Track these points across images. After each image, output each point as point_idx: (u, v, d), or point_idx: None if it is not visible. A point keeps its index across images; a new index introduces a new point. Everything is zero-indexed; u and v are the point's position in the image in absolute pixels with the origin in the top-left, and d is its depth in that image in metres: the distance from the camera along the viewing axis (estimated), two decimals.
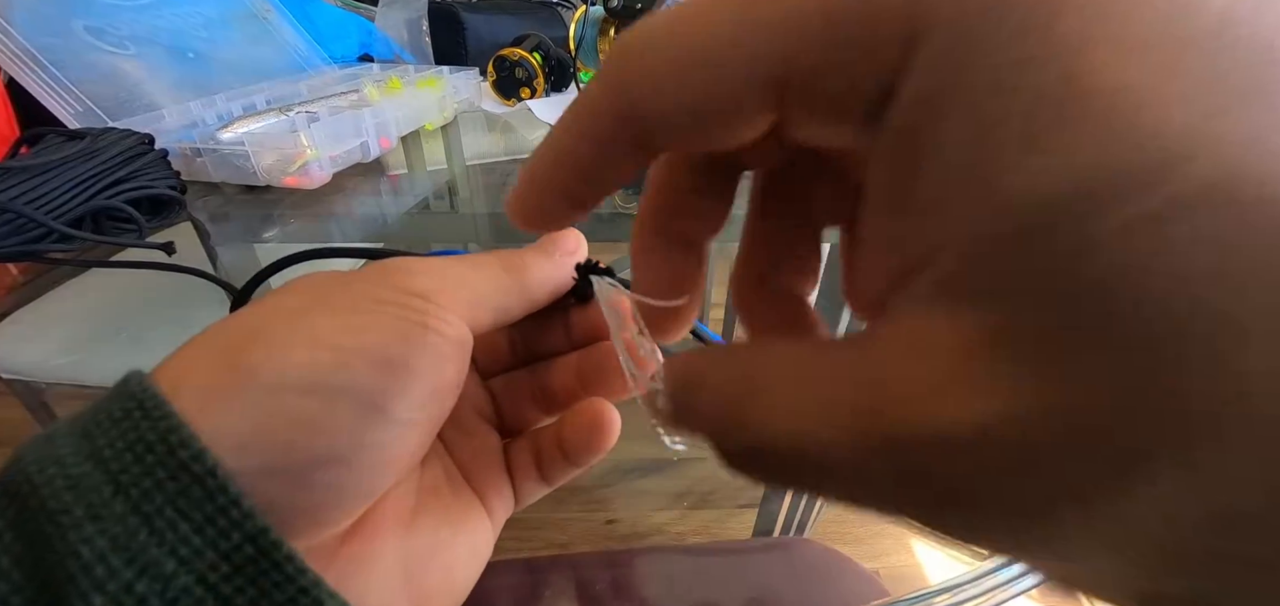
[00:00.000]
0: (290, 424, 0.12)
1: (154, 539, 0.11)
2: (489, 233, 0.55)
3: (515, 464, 0.20)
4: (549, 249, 0.18)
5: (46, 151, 0.42)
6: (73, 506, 0.10)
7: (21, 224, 0.39)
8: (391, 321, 0.14)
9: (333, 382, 0.12)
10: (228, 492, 0.11)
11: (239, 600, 0.11)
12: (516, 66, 0.77)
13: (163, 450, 0.11)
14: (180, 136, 0.52)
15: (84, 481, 0.11)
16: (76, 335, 0.60)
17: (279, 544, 0.11)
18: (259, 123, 0.56)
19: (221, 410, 0.12)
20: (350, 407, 0.13)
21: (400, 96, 0.66)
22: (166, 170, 0.47)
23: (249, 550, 0.11)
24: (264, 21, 0.72)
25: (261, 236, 0.50)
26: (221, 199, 0.53)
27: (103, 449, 0.11)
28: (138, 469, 0.11)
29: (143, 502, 0.11)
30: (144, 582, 0.10)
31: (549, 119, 0.76)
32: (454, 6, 0.92)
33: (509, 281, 0.17)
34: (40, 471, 0.11)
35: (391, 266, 0.15)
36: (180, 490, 0.11)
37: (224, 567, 0.11)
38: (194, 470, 0.11)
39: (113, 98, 0.56)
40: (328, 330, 0.13)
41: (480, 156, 0.69)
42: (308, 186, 0.54)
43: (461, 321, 0.15)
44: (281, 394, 0.12)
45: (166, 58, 0.62)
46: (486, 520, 0.19)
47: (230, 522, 0.11)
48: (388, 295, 0.14)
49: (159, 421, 0.11)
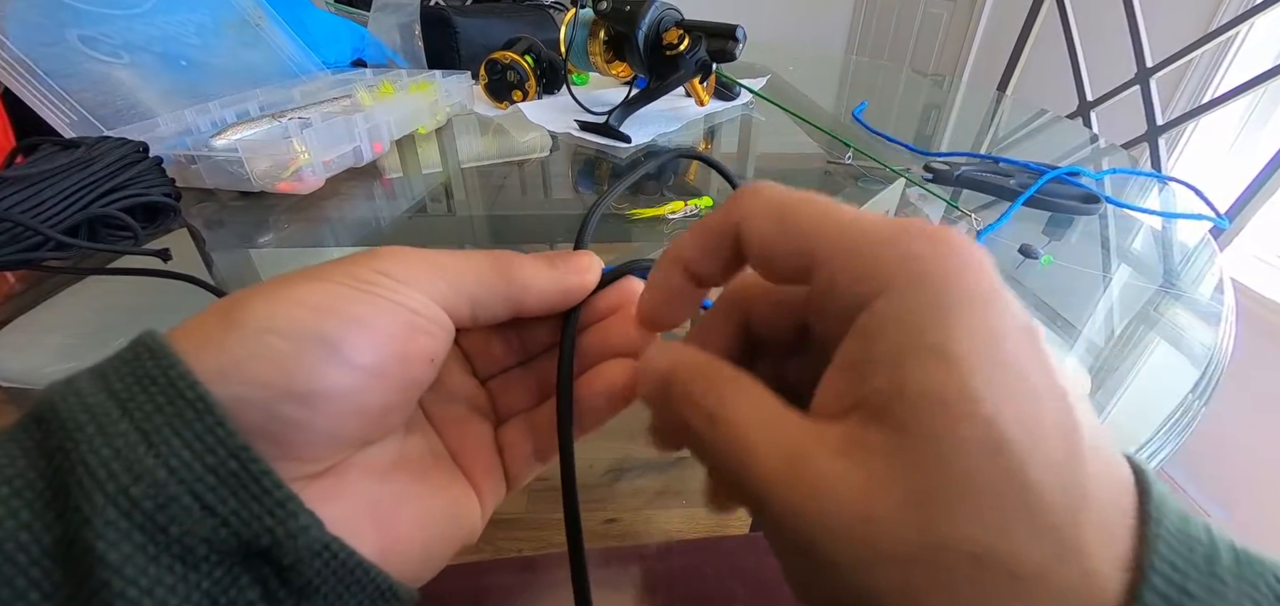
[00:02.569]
0: (263, 360, 0.14)
1: (151, 452, 0.12)
2: (485, 234, 0.56)
3: (507, 444, 0.21)
4: (553, 259, 0.19)
5: (42, 161, 0.42)
6: (86, 425, 0.12)
7: (19, 233, 0.39)
8: (358, 290, 0.15)
9: (301, 329, 0.14)
10: (214, 413, 0.13)
11: (222, 508, 0.13)
12: (508, 69, 0.78)
13: (164, 382, 0.13)
14: (174, 144, 0.52)
15: (97, 407, 0.12)
16: (72, 343, 0.60)
17: (258, 460, 0.13)
18: (252, 129, 0.56)
19: (214, 352, 0.13)
20: (315, 350, 0.14)
21: (393, 101, 0.66)
22: (161, 178, 0.47)
23: (232, 465, 0.13)
24: (256, 28, 0.72)
25: (256, 242, 0.51)
26: (216, 205, 0.54)
27: (113, 382, 0.13)
28: (142, 396, 0.13)
29: (144, 423, 0.12)
30: (139, 487, 0.12)
31: (540, 121, 0.77)
32: (446, 10, 0.92)
33: (493, 277, 0.18)
34: (62, 401, 0.13)
35: (371, 251, 0.17)
36: (176, 413, 0.13)
37: (210, 479, 0.13)
38: (187, 396, 0.13)
39: (107, 106, 0.56)
40: (303, 293, 0.15)
41: (474, 159, 0.69)
42: (301, 192, 0.54)
43: (431, 302, 0.17)
44: (262, 336, 0.14)
45: (159, 65, 0.63)
46: (472, 496, 0.20)
47: (216, 440, 0.13)
48: (361, 273, 0.16)
49: (161, 359, 0.13)
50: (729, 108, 0.85)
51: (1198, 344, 0.42)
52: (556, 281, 0.19)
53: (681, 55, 0.65)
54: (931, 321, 0.12)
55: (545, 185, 0.66)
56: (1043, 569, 0.11)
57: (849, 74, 1.37)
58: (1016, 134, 0.92)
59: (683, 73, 0.67)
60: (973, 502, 0.11)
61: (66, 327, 0.62)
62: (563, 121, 0.75)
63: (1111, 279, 0.51)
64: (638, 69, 0.70)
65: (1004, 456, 0.11)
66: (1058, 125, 0.98)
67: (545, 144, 0.73)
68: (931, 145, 0.78)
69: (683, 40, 0.65)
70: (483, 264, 0.18)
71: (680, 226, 0.51)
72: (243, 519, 0.13)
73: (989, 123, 0.98)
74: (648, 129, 0.72)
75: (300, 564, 0.13)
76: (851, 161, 0.65)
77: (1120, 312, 0.47)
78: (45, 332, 0.63)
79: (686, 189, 0.62)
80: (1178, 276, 0.52)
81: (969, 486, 0.11)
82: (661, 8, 0.67)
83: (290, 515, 0.13)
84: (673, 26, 0.67)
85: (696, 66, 0.67)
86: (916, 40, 2.73)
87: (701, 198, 0.54)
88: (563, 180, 0.67)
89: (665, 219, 0.51)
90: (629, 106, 0.70)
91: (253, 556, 0.13)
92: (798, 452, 0.13)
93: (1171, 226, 0.61)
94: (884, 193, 0.60)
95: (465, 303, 0.17)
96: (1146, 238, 0.59)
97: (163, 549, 0.12)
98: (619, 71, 0.74)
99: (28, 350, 0.60)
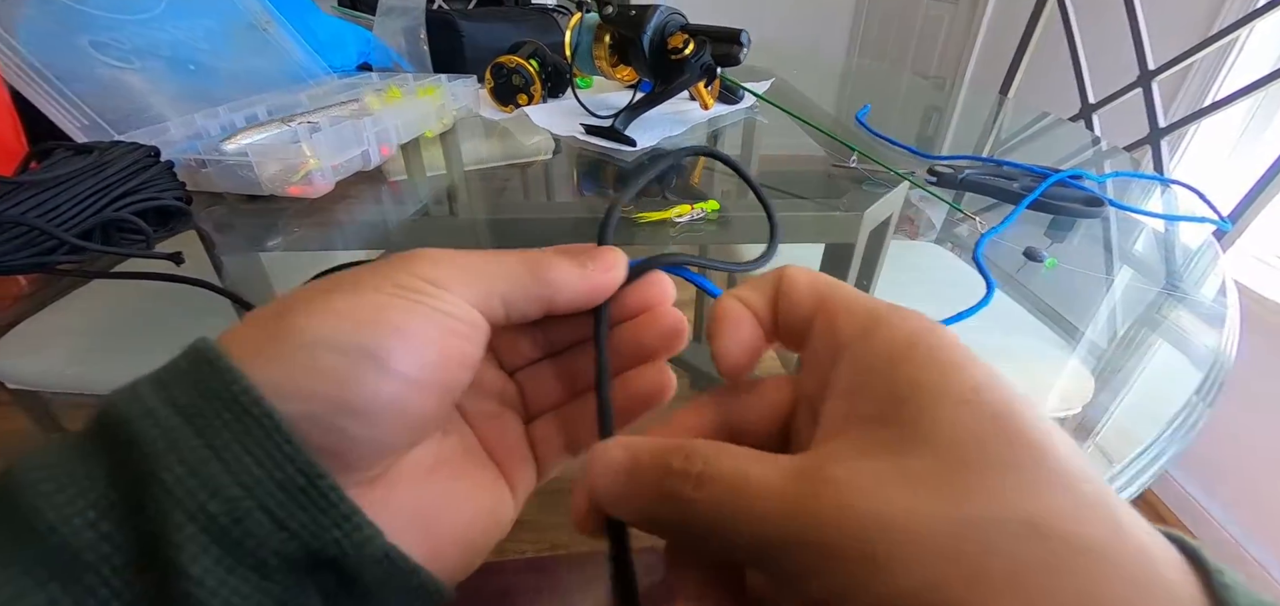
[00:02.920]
0: (319, 376, 0.14)
1: (223, 469, 0.13)
2: (487, 236, 0.56)
3: (539, 439, 0.22)
4: (582, 258, 0.20)
5: (57, 165, 0.43)
6: (157, 440, 0.13)
7: (34, 236, 0.40)
8: (400, 298, 0.16)
9: (351, 342, 0.15)
10: (281, 431, 0.13)
11: (292, 522, 0.13)
12: (514, 73, 0.78)
13: (227, 397, 0.13)
14: (185, 148, 0.53)
15: (165, 421, 0.13)
16: (81, 346, 0.61)
17: (325, 474, 0.14)
18: (262, 133, 0.57)
19: (267, 365, 0.14)
20: (367, 364, 0.15)
21: (400, 105, 0.66)
22: (173, 182, 0.48)
23: (300, 480, 0.13)
24: (264, 33, 0.73)
25: (265, 245, 0.51)
26: (225, 209, 0.54)
27: (177, 395, 0.13)
28: (208, 412, 0.13)
29: (213, 440, 0.13)
30: (215, 503, 0.12)
31: (546, 125, 0.77)
32: (451, 15, 0.93)
33: (525, 278, 0.18)
34: (131, 415, 0.13)
35: (409, 255, 0.17)
36: (244, 430, 0.13)
37: (279, 495, 0.13)
38: (254, 413, 0.13)
39: (117, 111, 0.57)
40: (349, 304, 0.15)
41: (479, 162, 0.70)
42: (311, 195, 0.54)
43: (468, 304, 0.17)
44: (314, 350, 0.14)
45: (169, 70, 0.63)
46: (506, 489, 0.20)
47: (284, 456, 0.13)
48: (401, 279, 0.16)
49: (222, 372, 0.13)
50: (733, 111, 0.86)
51: (1201, 346, 0.43)
52: (585, 279, 0.19)
53: (687, 59, 0.66)
54: (929, 338, 0.14)
55: (548, 188, 0.67)
56: (1097, 540, 0.10)
57: (850, 77, 1.37)
58: (1018, 137, 0.93)
59: (688, 77, 0.67)
60: (999, 468, 0.11)
61: (75, 331, 0.63)
62: (568, 125, 0.75)
63: (1114, 281, 0.51)
64: (643, 73, 0.71)
65: (1014, 420, 0.12)
66: (1060, 128, 0.98)
67: (547, 147, 0.73)
68: (933, 148, 0.78)
69: (688, 45, 0.65)
70: (515, 266, 0.18)
71: (686, 229, 0.52)
72: (311, 531, 0.13)
73: (991, 125, 0.99)
74: (653, 132, 0.73)
75: (362, 571, 0.14)
76: (856, 165, 0.65)
77: (1123, 315, 0.47)
78: (53, 336, 0.64)
79: (692, 192, 0.62)
80: (1180, 279, 0.52)
81: (990, 454, 0.11)
82: (667, 12, 0.67)
83: (355, 527, 0.14)
84: (678, 31, 0.67)
85: (702, 71, 0.67)
86: (917, 43, 2.74)
87: (708, 201, 0.54)
88: (564, 183, 0.68)
89: (672, 221, 0.52)
90: (634, 110, 0.70)
91: (319, 565, 0.14)
92: (808, 468, 0.13)
93: (1174, 229, 0.61)
94: (889, 195, 0.60)
95: (499, 304, 0.18)
96: (1149, 240, 0.60)
97: (238, 561, 0.13)
98: (623, 75, 0.74)
99: (36, 353, 0.60)
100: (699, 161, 0.70)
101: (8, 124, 0.51)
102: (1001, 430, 0.12)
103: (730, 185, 0.65)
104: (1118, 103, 1.14)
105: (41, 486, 0.12)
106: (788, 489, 0.13)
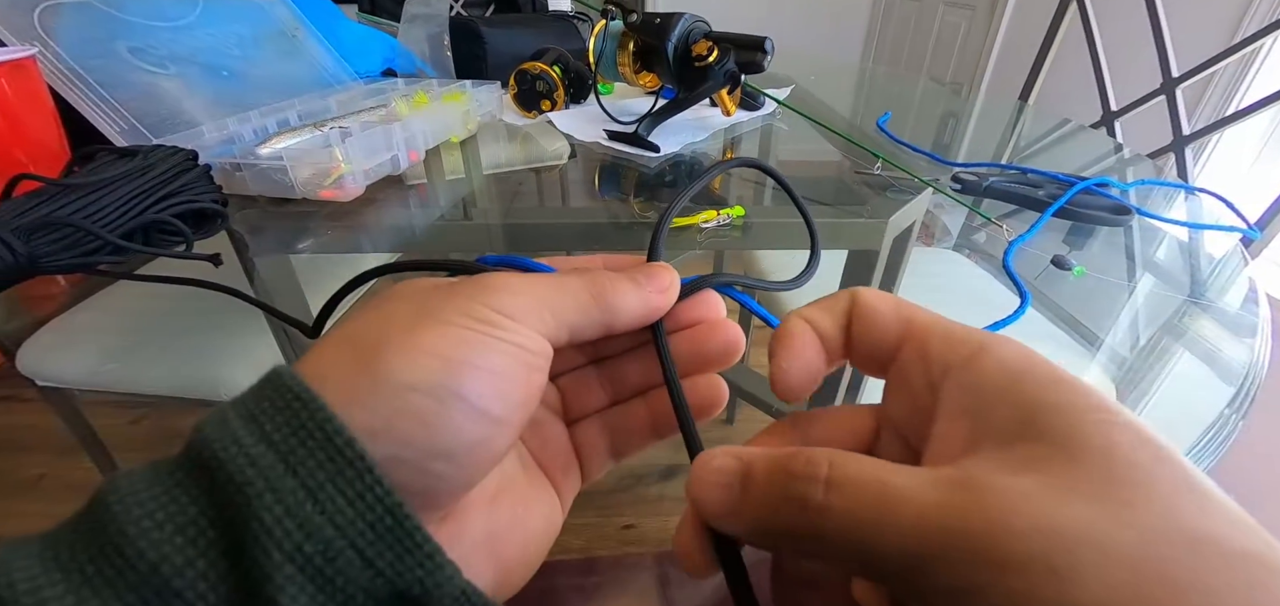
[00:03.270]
0: (413, 420, 0.14)
1: (317, 509, 0.13)
2: (502, 240, 0.57)
3: (582, 443, 0.22)
4: (641, 281, 0.20)
5: (100, 169, 0.44)
6: (254, 479, 0.13)
7: (79, 237, 0.41)
8: (480, 335, 0.16)
9: (440, 385, 0.15)
10: (373, 473, 0.13)
11: (380, 561, 0.13)
12: (537, 80, 0.79)
13: (321, 437, 0.13)
14: (219, 152, 0.54)
15: (260, 460, 0.13)
16: (111, 345, 0.62)
17: (412, 516, 0.14)
18: (294, 138, 0.58)
19: (360, 407, 0.14)
20: (457, 406, 0.15)
21: (428, 110, 0.67)
22: (210, 185, 0.49)
23: (388, 521, 0.13)
24: (294, 39, 0.74)
25: (295, 248, 0.52)
26: (257, 212, 0.55)
27: (272, 434, 0.14)
28: (302, 451, 0.13)
29: (307, 479, 0.13)
30: (310, 544, 0.13)
31: (569, 131, 0.78)
32: (474, 22, 0.94)
33: (591, 305, 0.19)
34: (224, 449, 0.13)
35: (482, 284, 0.17)
36: (337, 471, 0.13)
37: (370, 535, 0.13)
38: (347, 454, 0.13)
39: (154, 115, 0.58)
40: (438, 343, 0.15)
41: (497, 167, 0.71)
42: (341, 199, 0.55)
43: (541, 338, 0.17)
44: (406, 394, 0.14)
45: (203, 76, 0.65)
46: (556, 498, 0.21)
47: (375, 498, 0.13)
48: (481, 313, 0.16)
49: (315, 413, 0.14)
50: (753, 117, 0.86)
51: (1228, 356, 0.42)
52: (644, 302, 0.20)
53: (710, 67, 0.66)
54: (1037, 361, 0.14)
55: (563, 192, 0.68)
56: (1257, 550, 0.10)
57: (866, 83, 1.37)
58: (1039, 143, 0.92)
59: (711, 83, 0.68)
60: (1156, 483, 0.11)
61: (104, 330, 0.64)
62: (591, 131, 0.76)
63: (1136, 289, 0.51)
64: (666, 80, 0.71)
65: (1154, 438, 0.12)
66: (1081, 134, 0.98)
67: (563, 151, 0.74)
68: (951, 155, 0.78)
69: (712, 52, 0.66)
70: (581, 293, 0.19)
71: (713, 235, 0.52)
72: (397, 570, 0.14)
73: (1010, 132, 0.98)
74: (676, 138, 0.73)
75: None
76: (880, 172, 0.65)
77: (1146, 323, 0.47)
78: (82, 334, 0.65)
79: (715, 199, 0.63)
80: (1205, 287, 0.52)
81: (1143, 469, 0.12)
82: (691, 20, 0.68)
83: (437, 566, 0.14)
84: (702, 38, 0.68)
85: (725, 77, 0.68)
86: (933, 49, 2.73)
87: (734, 208, 0.55)
88: (580, 187, 0.68)
89: (699, 227, 0.52)
90: (657, 117, 0.71)
91: (402, 603, 0.14)
92: (960, 479, 0.12)
93: (1199, 237, 0.61)
94: (912, 203, 0.60)
95: (565, 331, 0.18)
96: (1171, 248, 0.59)
97: (329, 598, 0.13)
98: (646, 82, 0.75)
99: (65, 352, 0.62)
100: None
101: (52, 128, 0.52)
102: (1146, 445, 0.12)
103: (750, 191, 0.65)
104: (1139, 110, 1.13)
105: (141, 522, 0.12)
106: (942, 498, 0.12)
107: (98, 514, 0.13)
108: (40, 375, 0.62)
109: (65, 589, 0.12)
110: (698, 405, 0.21)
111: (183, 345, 0.61)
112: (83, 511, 0.13)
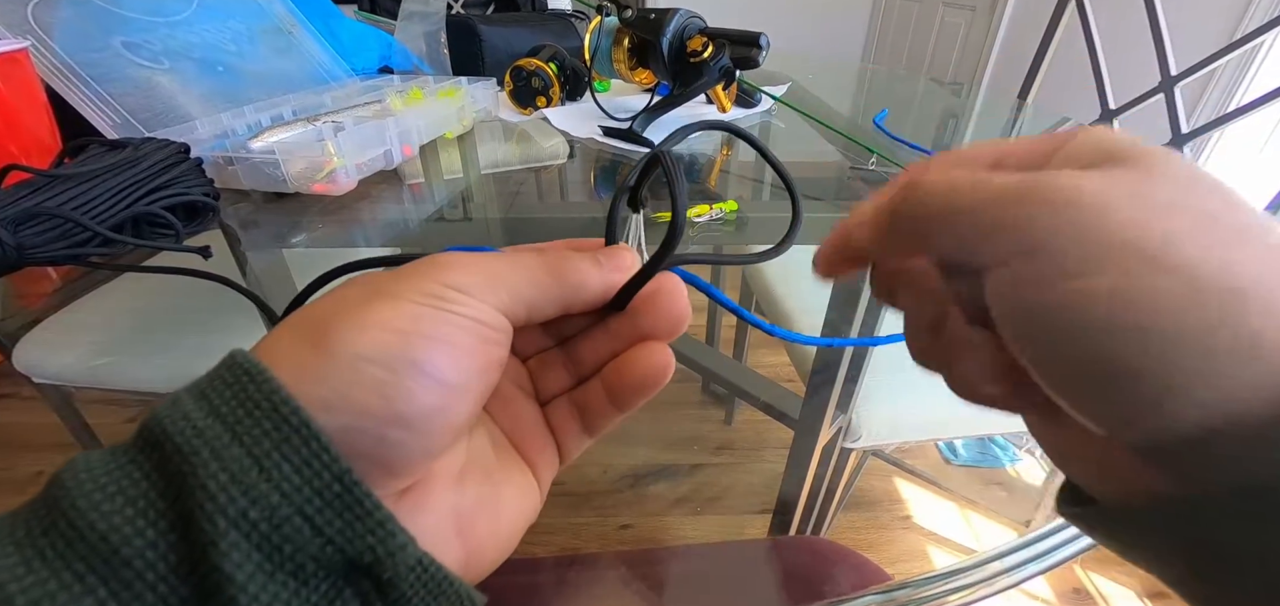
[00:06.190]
0: (368, 390, 0.14)
1: (263, 477, 0.13)
2: (500, 236, 0.57)
3: (556, 422, 0.22)
4: (600, 259, 0.20)
5: (92, 160, 0.44)
6: (200, 449, 0.13)
7: (68, 228, 0.41)
8: (433, 308, 0.16)
9: (393, 355, 0.15)
10: (320, 441, 0.13)
11: (329, 529, 0.14)
12: (533, 76, 0.79)
13: (268, 407, 0.14)
14: (213, 146, 0.54)
15: (208, 431, 0.13)
16: (106, 341, 0.62)
17: (360, 482, 0.14)
18: (287, 133, 0.58)
19: (313, 380, 0.14)
20: (409, 374, 0.15)
21: (422, 106, 0.67)
22: (202, 178, 0.49)
23: (336, 488, 0.14)
24: (289, 35, 0.74)
25: (289, 242, 0.52)
26: (250, 206, 0.55)
27: (220, 407, 0.14)
28: (249, 422, 0.13)
29: (253, 448, 0.13)
30: (256, 510, 0.13)
31: (564, 127, 0.78)
32: (471, 19, 0.94)
33: (547, 281, 0.19)
34: (173, 424, 0.13)
35: (436, 262, 0.17)
36: (283, 439, 0.13)
37: (317, 501, 0.13)
38: (293, 423, 0.14)
39: (148, 109, 0.58)
40: (392, 317, 0.15)
41: (494, 164, 0.70)
42: (334, 193, 0.55)
43: (496, 310, 0.17)
44: (360, 366, 0.15)
45: (198, 71, 0.65)
46: (531, 477, 0.21)
47: (322, 465, 0.13)
48: (432, 288, 0.16)
49: (263, 385, 0.14)
50: (749, 114, 0.86)
51: None
52: (603, 280, 0.20)
53: (705, 62, 0.66)
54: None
55: (562, 190, 0.67)
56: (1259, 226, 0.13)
57: (866, 82, 1.37)
58: None
59: (706, 79, 0.68)
60: (1204, 183, 0.14)
61: (99, 327, 0.64)
62: (586, 127, 0.76)
63: None
64: (661, 76, 0.71)
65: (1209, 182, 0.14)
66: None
67: (562, 150, 0.74)
68: None
69: (707, 48, 0.66)
70: (537, 269, 0.19)
71: (705, 229, 0.52)
72: (347, 538, 0.14)
73: (1010, 130, 0.98)
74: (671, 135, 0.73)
75: (397, 579, 0.14)
76: (876, 168, 0.65)
77: None
78: (77, 331, 0.65)
79: (709, 193, 0.62)
80: None
81: (1194, 174, 0.14)
82: (686, 16, 0.68)
83: (389, 534, 0.14)
84: (697, 34, 0.68)
85: (720, 74, 0.68)
86: (934, 48, 2.73)
87: (728, 202, 0.54)
88: (579, 186, 0.68)
89: (691, 222, 0.52)
90: (652, 113, 0.71)
91: (356, 572, 0.14)
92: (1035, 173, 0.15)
93: None
94: None
95: (522, 307, 0.18)
96: None
97: (278, 566, 0.13)
98: (641, 78, 0.75)
99: (61, 348, 0.62)
100: (716, 163, 0.70)
101: (44, 121, 0.52)
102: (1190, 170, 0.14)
103: (746, 187, 0.65)
104: (1138, 108, 1.13)
105: (92, 495, 0.12)
106: (1017, 178, 0.15)
107: (53, 492, 0.13)
108: (36, 372, 0.62)
109: (17, 559, 0.12)
110: (643, 373, 0.21)
111: (178, 343, 0.61)
112: (42, 492, 0.13)
